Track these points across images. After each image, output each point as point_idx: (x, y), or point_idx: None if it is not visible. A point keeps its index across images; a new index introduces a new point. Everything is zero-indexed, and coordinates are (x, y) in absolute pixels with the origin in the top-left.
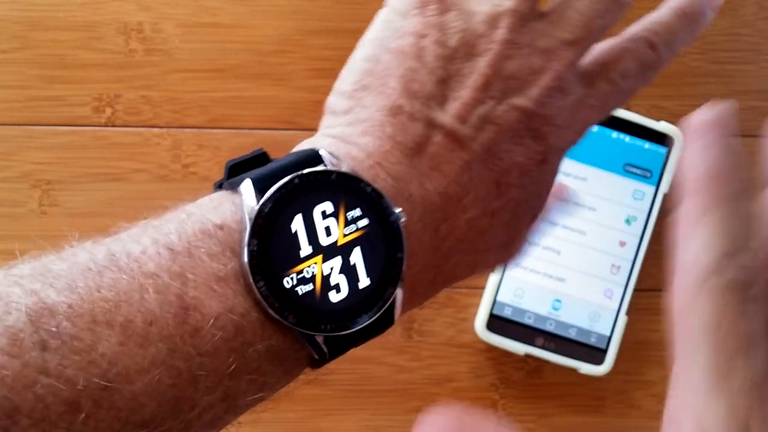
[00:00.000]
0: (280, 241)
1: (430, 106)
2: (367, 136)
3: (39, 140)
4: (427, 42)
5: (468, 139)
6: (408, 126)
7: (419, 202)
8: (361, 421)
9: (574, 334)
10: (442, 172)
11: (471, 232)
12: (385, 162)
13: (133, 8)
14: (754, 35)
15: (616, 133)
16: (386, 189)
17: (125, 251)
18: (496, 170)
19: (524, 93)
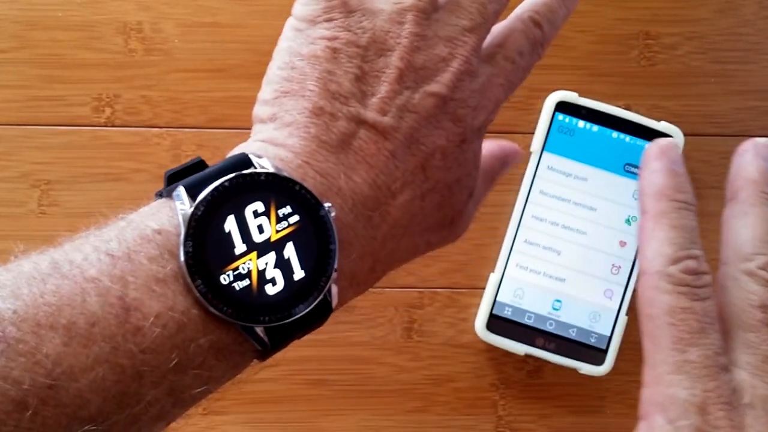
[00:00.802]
0: (214, 241)
1: (350, 103)
2: (293, 137)
3: (38, 140)
4: (338, 44)
5: (390, 129)
6: (331, 125)
7: (349, 195)
8: (361, 421)
9: (574, 334)
10: (369, 164)
11: (404, 217)
12: (312, 160)
13: (132, 8)
14: (754, 35)
15: (616, 133)
16: (315, 185)
17: (68, 259)
18: (420, 155)
19: (437, 80)
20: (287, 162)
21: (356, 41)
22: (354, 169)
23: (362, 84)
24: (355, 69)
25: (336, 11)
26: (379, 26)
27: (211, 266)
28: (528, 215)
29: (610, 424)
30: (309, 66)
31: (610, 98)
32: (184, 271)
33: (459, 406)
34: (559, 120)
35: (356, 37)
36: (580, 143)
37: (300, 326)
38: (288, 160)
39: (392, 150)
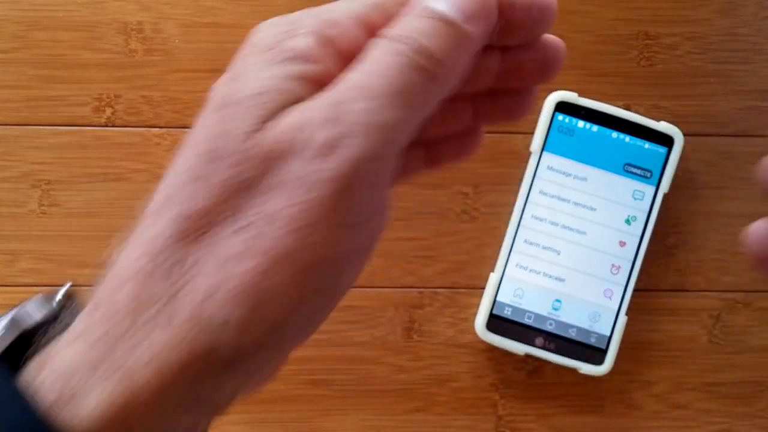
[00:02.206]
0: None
1: None
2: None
3: (39, 140)
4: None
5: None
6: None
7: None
8: (361, 421)
9: (574, 334)
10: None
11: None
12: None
13: (133, 8)
14: (754, 35)
15: (616, 133)
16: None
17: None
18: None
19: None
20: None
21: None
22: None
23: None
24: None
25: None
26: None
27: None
28: (528, 215)
29: (610, 424)
30: None
31: (610, 98)
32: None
33: (459, 406)
34: (559, 120)
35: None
36: (580, 143)
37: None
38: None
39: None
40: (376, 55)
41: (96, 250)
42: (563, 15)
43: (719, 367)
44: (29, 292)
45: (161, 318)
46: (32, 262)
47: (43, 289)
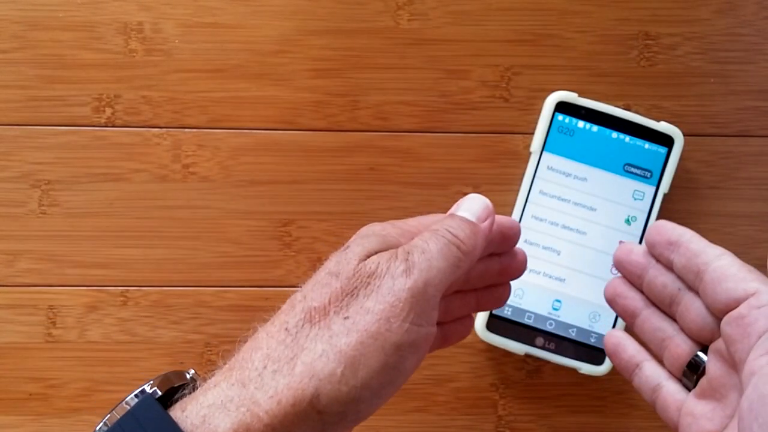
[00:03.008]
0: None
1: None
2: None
3: (39, 140)
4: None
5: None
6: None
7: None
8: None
9: (574, 334)
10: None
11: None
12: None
13: (133, 8)
14: (754, 35)
15: (616, 133)
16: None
17: None
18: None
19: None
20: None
21: None
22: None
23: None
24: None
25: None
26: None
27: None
28: (528, 215)
29: (610, 424)
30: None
31: (609, 98)
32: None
33: (459, 406)
34: (559, 120)
35: None
36: (580, 143)
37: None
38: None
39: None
40: (427, 236)
41: (96, 249)
42: (563, 15)
43: None
44: (29, 292)
45: (285, 369)
46: (32, 262)
47: (48, 291)
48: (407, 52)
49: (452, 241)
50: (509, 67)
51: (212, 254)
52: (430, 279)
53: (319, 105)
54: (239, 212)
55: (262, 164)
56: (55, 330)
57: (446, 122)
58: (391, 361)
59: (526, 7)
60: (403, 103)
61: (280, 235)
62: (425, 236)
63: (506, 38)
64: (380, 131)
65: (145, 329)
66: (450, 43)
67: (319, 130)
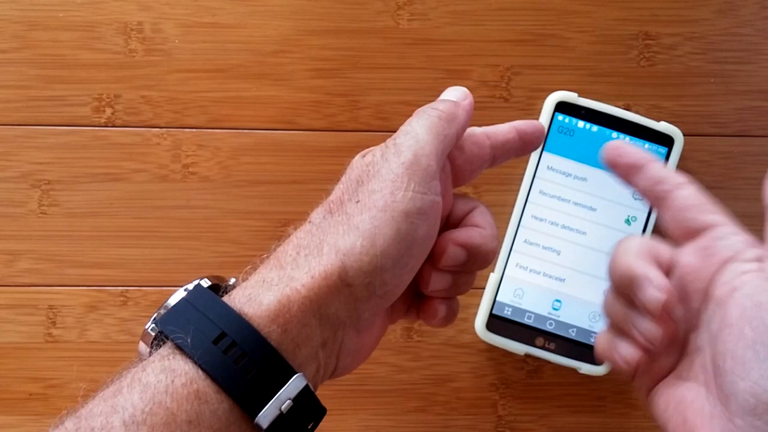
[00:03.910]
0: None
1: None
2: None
3: (39, 140)
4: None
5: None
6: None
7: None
8: (361, 421)
9: (574, 334)
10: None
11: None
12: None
13: (133, 8)
14: (754, 35)
15: (616, 133)
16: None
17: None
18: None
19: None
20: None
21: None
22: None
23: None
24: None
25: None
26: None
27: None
28: (528, 215)
29: (610, 424)
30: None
31: (610, 98)
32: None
33: (459, 406)
34: (559, 120)
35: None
36: (580, 143)
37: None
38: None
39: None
40: (410, 119)
41: (96, 249)
42: (563, 15)
43: None
44: (29, 292)
45: (315, 252)
46: (32, 262)
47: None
48: (407, 52)
49: (432, 114)
50: (509, 67)
51: (212, 254)
52: (419, 150)
53: (319, 105)
54: (239, 212)
55: (262, 164)
56: (55, 330)
57: None
58: (403, 227)
59: (526, 7)
60: (403, 103)
61: (280, 235)
62: (409, 120)
63: (506, 38)
64: (380, 131)
65: None
66: (450, 43)
67: (319, 130)
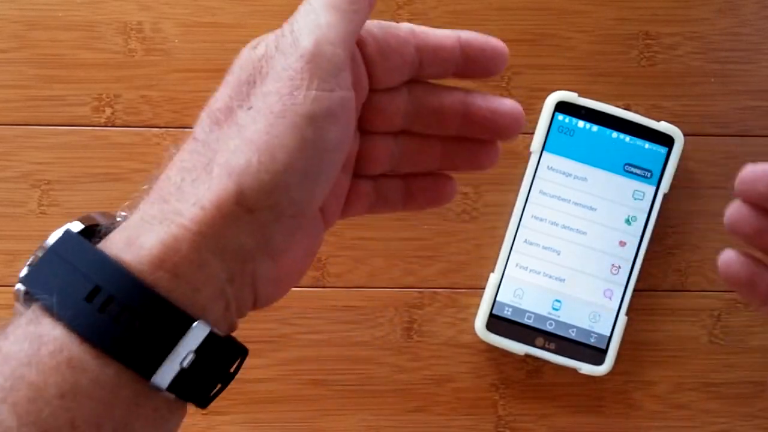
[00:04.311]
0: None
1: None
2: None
3: (39, 140)
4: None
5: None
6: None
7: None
8: (361, 421)
9: (574, 334)
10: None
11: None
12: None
13: (132, 8)
14: (754, 35)
15: (616, 133)
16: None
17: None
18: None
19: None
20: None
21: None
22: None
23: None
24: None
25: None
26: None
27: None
28: (528, 215)
29: (610, 424)
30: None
31: (610, 98)
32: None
33: (459, 406)
34: (559, 120)
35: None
36: (580, 143)
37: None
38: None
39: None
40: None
41: None
42: (563, 15)
43: (719, 367)
44: None
45: (202, 174)
46: None
47: None
48: None
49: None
50: (509, 67)
51: None
52: (321, 37)
53: None
54: None
55: None
56: None
57: None
58: (308, 135)
59: (526, 7)
60: None
61: None
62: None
63: (506, 38)
64: None
65: None
66: None
67: None
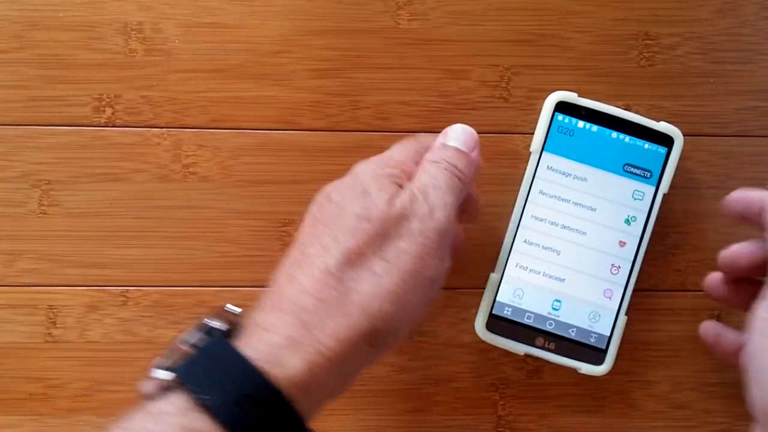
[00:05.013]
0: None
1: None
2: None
3: (39, 140)
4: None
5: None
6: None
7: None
8: (361, 421)
9: (574, 334)
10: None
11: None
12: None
13: (133, 8)
14: (754, 35)
15: (615, 133)
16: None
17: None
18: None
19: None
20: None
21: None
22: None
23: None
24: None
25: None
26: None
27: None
28: (528, 215)
29: (610, 424)
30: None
31: (609, 98)
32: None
33: (459, 406)
34: (559, 120)
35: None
36: (580, 143)
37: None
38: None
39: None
40: (432, 171)
41: (96, 249)
42: (563, 15)
43: (719, 367)
44: (29, 292)
45: (338, 310)
46: (32, 262)
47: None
48: (407, 52)
49: (454, 173)
50: (509, 67)
51: (212, 254)
52: (448, 216)
53: (319, 105)
54: (239, 212)
55: (262, 164)
56: (55, 330)
57: (446, 122)
58: (429, 293)
59: (526, 7)
60: (403, 103)
61: (280, 235)
62: (431, 171)
63: (506, 38)
64: (380, 131)
65: (145, 329)
66: (450, 43)
67: (319, 130)
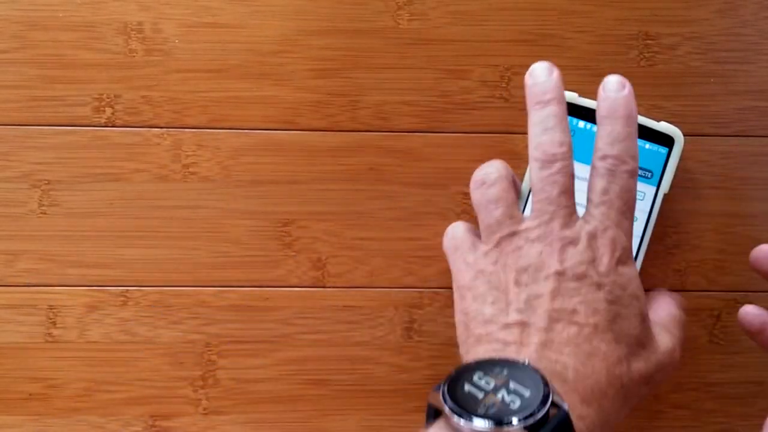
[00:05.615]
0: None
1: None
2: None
3: (39, 140)
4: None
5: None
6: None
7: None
8: (361, 421)
9: None
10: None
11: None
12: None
13: (133, 8)
14: (754, 35)
15: None
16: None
17: None
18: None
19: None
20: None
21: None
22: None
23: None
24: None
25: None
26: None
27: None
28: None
29: None
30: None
31: None
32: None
33: None
34: None
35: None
36: (580, 143)
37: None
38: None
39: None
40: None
41: (96, 249)
42: (563, 15)
43: (719, 367)
44: (29, 292)
45: (618, 402)
46: (32, 262)
47: (48, 291)
48: (407, 52)
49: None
50: (509, 67)
51: (212, 254)
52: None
53: (319, 105)
54: (239, 212)
55: (262, 164)
56: (55, 330)
57: (446, 122)
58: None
59: (526, 7)
60: (403, 103)
61: (280, 235)
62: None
63: (506, 38)
64: (380, 131)
65: (145, 329)
66: (450, 43)
67: (319, 130)
